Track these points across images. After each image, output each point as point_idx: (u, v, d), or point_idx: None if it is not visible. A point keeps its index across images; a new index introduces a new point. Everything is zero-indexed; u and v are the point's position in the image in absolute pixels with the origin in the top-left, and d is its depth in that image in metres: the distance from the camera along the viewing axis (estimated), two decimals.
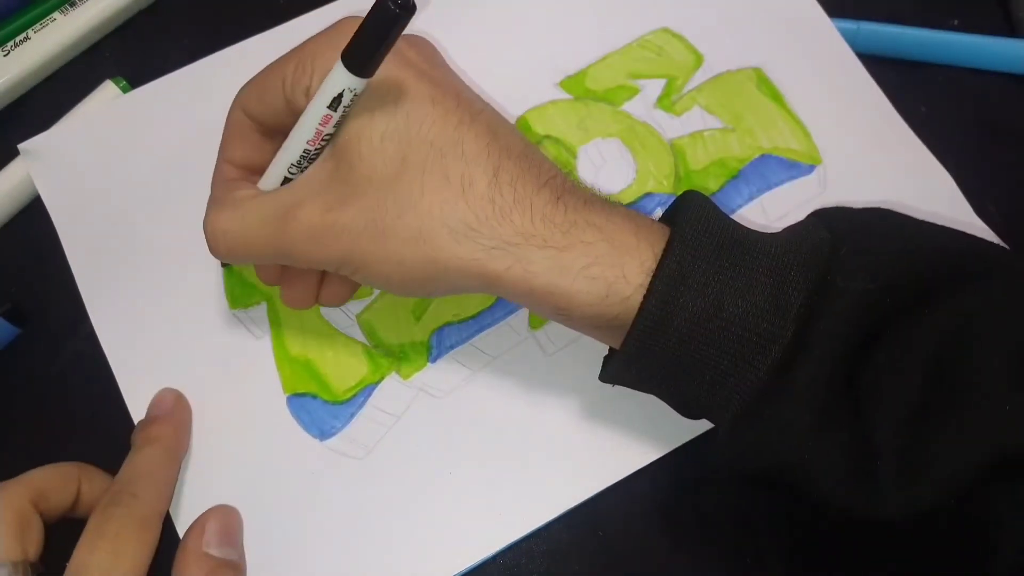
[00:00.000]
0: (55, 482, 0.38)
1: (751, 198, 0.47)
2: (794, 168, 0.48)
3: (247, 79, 0.48)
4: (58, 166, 0.47)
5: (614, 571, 0.42)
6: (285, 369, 0.44)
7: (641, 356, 0.34)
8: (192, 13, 0.53)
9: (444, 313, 0.45)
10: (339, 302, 0.42)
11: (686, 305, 0.32)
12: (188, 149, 0.47)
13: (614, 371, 0.36)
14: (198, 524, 0.40)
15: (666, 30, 0.51)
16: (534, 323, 0.45)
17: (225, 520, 0.40)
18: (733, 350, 0.33)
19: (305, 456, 0.43)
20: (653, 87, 0.50)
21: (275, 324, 0.45)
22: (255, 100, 0.38)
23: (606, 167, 0.48)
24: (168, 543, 0.37)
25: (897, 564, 0.41)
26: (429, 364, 0.45)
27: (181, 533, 0.41)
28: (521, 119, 0.49)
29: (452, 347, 0.45)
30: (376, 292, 0.45)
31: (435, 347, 0.45)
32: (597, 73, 0.50)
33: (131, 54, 0.52)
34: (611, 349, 0.38)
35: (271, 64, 0.37)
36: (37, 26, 0.50)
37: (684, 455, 0.43)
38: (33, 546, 0.36)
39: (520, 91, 0.49)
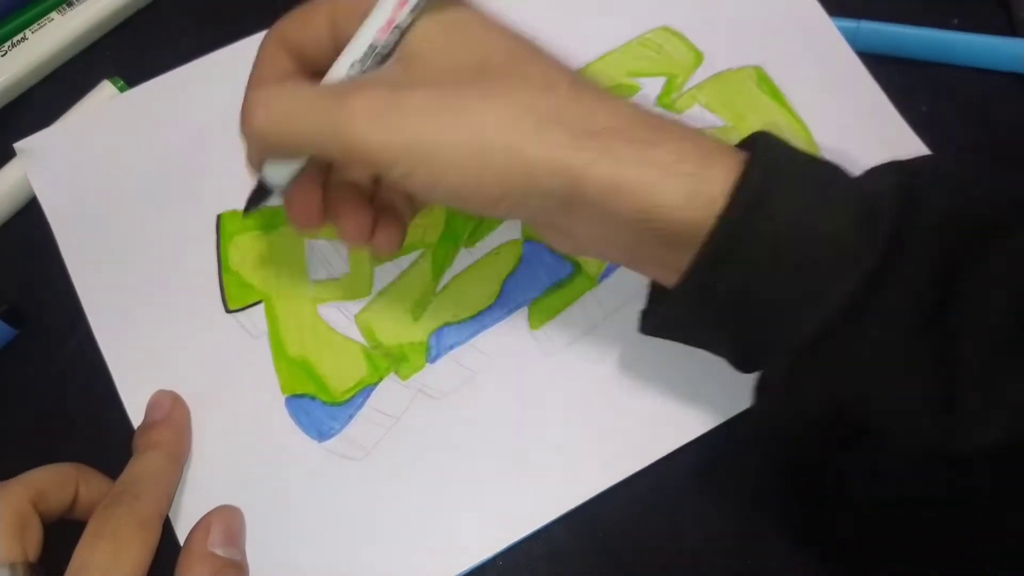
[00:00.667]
0: (54, 482, 0.38)
1: None
2: None
3: (245, 79, 0.48)
4: (54, 166, 0.47)
5: (614, 572, 0.42)
6: (283, 370, 0.44)
7: (717, 269, 0.31)
8: (190, 13, 0.53)
9: (443, 313, 0.45)
10: (394, 247, 0.39)
11: (773, 214, 0.30)
12: (185, 149, 0.47)
13: (677, 299, 0.33)
14: (202, 524, 0.39)
15: (666, 28, 0.51)
16: (534, 324, 0.45)
17: (229, 520, 0.40)
18: (819, 267, 0.31)
19: (303, 458, 0.43)
20: (653, 85, 0.50)
21: (273, 324, 0.45)
22: (295, 30, 0.36)
23: None
24: (167, 545, 0.37)
25: (899, 564, 0.41)
26: (428, 365, 0.44)
27: (180, 535, 0.41)
28: None
29: (451, 347, 0.45)
30: (374, 292, 0.45)
31: (434, 347, 0.45)
32: (597, 71, 0.50)
33: (129, 54, 0.51)
34: (654, 294, 0.37)
35: (315, 1, 0.35)
36: (35, 26, 0.50)
37: (685, 455, 0.43)
38: (33, 546, 0.36)
39: None
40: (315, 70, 0.35)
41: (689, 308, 0.34)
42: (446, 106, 0.31)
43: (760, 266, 0.31)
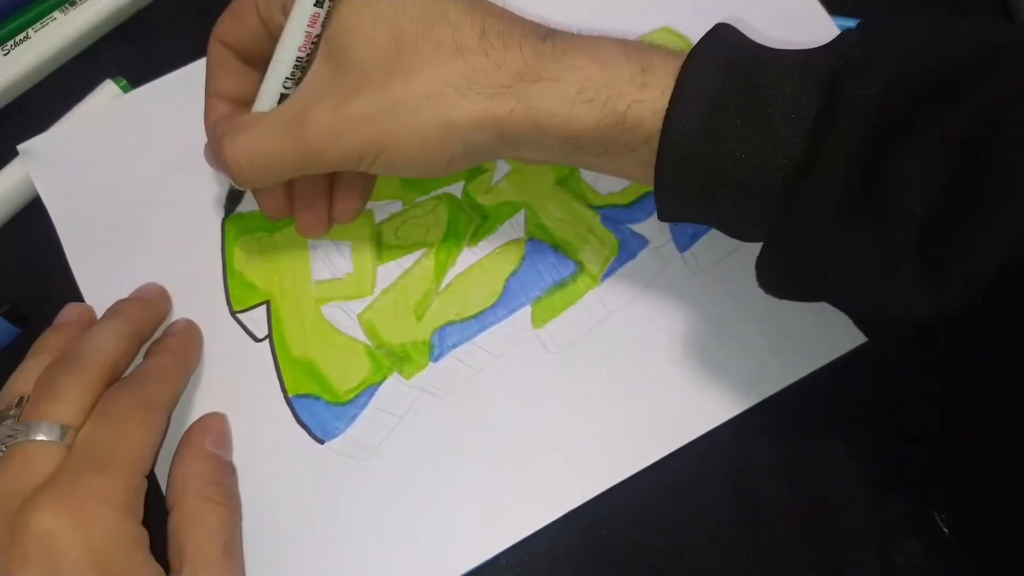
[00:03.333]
0: (124, 351, 0.40)
1: None
2: None
3: None
4: (58, 166, 0.47)
5: (615, 571, 0.42)
6: (288, 370, 0.44)
7: (669, 179, 0.35)
8: (192, 12, 0.52)
9: (446, 312, 0.45)
10: (352, 217, 0.44)
11: (685, 120, 0.33)
12: (188, 149, 0.47)
13: (660, 195, 0.36)
14: (199, 426, 0.42)
15: (667, 29, 0.51)
16: (536, 322, 0.45)
17: (221, 424, 0.42)
18: (746, 169, 0.33)
19: (308, 457, 0.43)
20: None
21: (277, 325, 0.45)
22: (231, 28, 0.40)
23: None
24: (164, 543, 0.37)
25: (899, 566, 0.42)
26: (431, 364, 0.44)
27: None
28: None
29: (454, 346, 0.45)
30: (377, 291, 0.45)
31: (437, 346, 0.45)
32: None
33: (131, 53, 0.51)
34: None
35: None
36: (37, 25, 0.50)
37: (686, 456, 0.43)
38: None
39: None
40: (259, 58, 0.40)
41: (665, 210, 0.37)
42: (382, 108, 0.36)
43: (692, 165, 0.34)
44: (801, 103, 0.32)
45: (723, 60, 0.34)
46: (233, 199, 0.44)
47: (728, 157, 0.33)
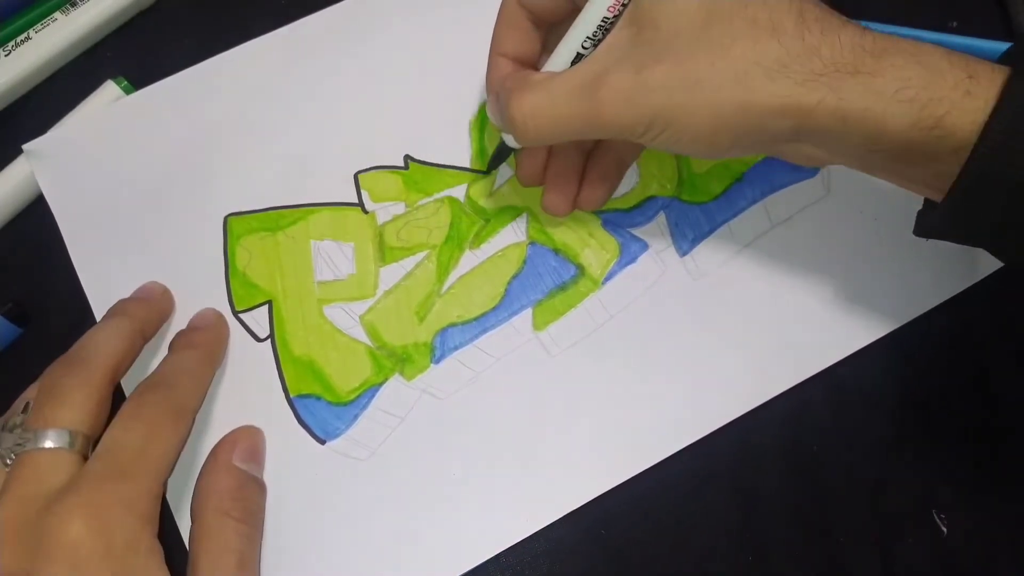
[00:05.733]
0: (126, 351, 0.40)
1: (755, 201, 0.47)
2: (798, 170, 0.48)
3: (249, 82, 0.49)
4: (63, 166, 0.47)
5: (615, 571, 0.42)
6: (289, 370, 0.44)
7: (972, 193, 0.33)
8: (193, 13, 0.52)
9: (448, 314, 0.45)
10: (598, 204, 0.44)
11: (1007, 134, 0.31)
12: (193, 151, 0.47)
13: (940, 214, 0.35)
14: (229, 440, 0.41)
15: None
16: (537, 325, 0.45)
17: (253, 439, 0.42)
18: None
19: (309, 457, 0.43)
20: None
21: (279, 325, 0.45)
22: None
23: None
24: (169, 541, 0.37)
25: (899, 566, 0.42)
26: (432, 365, 0.45)
27: (181, 525, 0.41)
28: None
29: (455, 348, 0.45)
30: (379, 293, 0.45)
31: (438, 348, 0.45)
32: None
33: (132, 54, 0.51)
34: (924, 208, 0.38)
35: None
36: (38, 26, 0.50)
37: (686, 456, 0.43)
38: (100, 422, 0.38)
39: None
40: (550, 21, 0.41)
41: (945, 224, 0.36)
42: (683, 80, 0.34)
43: (1009, 199, 0.32)
44: None
45: None
46: (501, 156, 0.45)
47: None
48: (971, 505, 0.43)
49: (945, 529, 0.42)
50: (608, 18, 0.37)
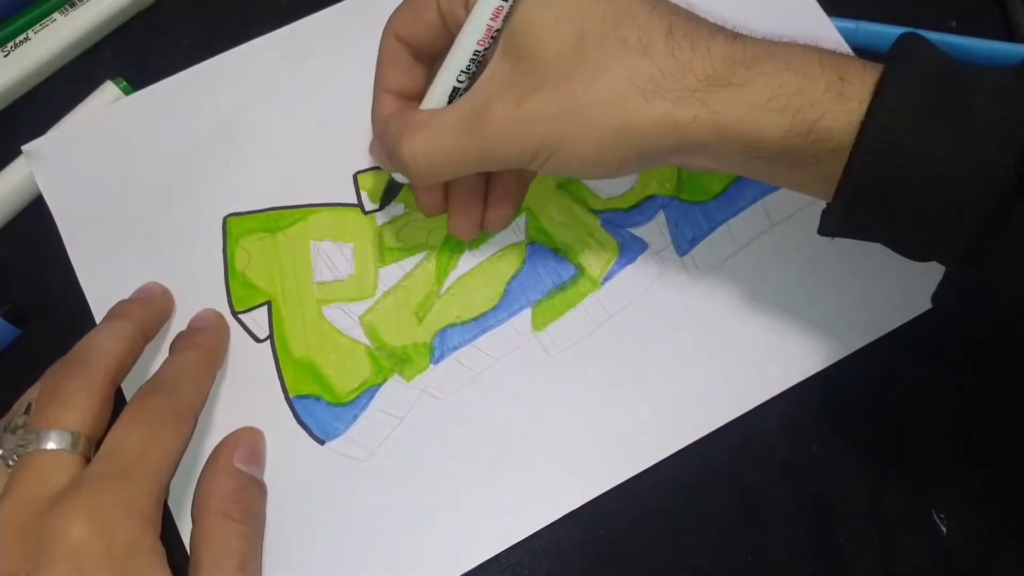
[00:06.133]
0: (127, 353, 0.40)
1: (754, 200, 0.47)
2: None
3: (248, 83, 0.49)
4: (62, 167, 0.47)
5: (616, 570, 0.42)
6: (288, 371, 0.44)
7: (855, 194, 0.33)
8: (193, 13, 0.52)
9: (447, 315, 0.45)
10: (503, 225, 0.45)
11: (901, 140, 0.32)
12: (192, 151, 0.47)
13: (829, 213, 0.36)
14: (229, 441, 0.41)
15: None
16: (537, 325, 0.45)
17: (253, 440, 0.42)
18: (944, 185, 0.32)
19: (308, 458, 0.43)
20: None
21: (278, 326, 0.45)
22: (408, 22, 0.40)
23: None
24: (170, 543, 0.37)
25: (899, 566, 0.42)
26: (432, 366, 0.45)
27: (180, 526, 0.41)
28: None
29: (455, 349, 0.45)
30: (378, 294, 0.45)
31: (437, 349, 0.45)
32: None
33: (131, 55, 0.51)
34: (828, 206, 0.38)
35: None
36: (37, 26, 0.50)
37: (686, 456, 0.43)
38: (102, 424, 0.38)
39: None
40: (431, 54, 0.41)
41: (840, 225, 0.36)
42: (562, 107, 0.35)
43: (897, 186, 0.32)
44: (1007, 128, 0.31)
45: (925, 75, 0.32)
46: (391, 192, 0.45)
47: (925, 172, 0.32)
48: (971, 505, 0.43)
49: (945, 529, 0.42)
50: (479, 51, 0.37)
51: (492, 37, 0.37)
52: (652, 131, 0.35)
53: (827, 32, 0.51)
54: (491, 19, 0.36)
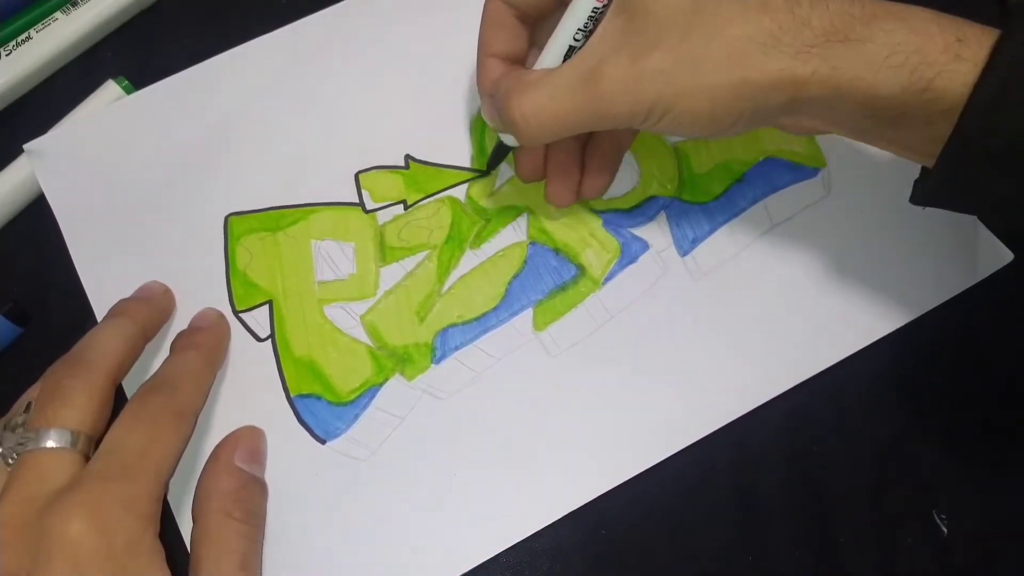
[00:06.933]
0: (128, 352, 0.40)
1: (755, 201, 0.48)
2: (798, 171, 0.48)
3: (249, 82, 0.49)
4: (63, 166, 0.47)
5: (616, 570, 0.42)
6: (290, 370, 0.44)
7: (963, 152, 0.33)
8: (194, 13, 0.52)
9: (448, 314, 0.45)
10: (602, 191, 0.45)
11: (1014, 101, 0.32)
12: (193, 150, 0.47)
13: (935, 178, 0.35)
14: (230, 440, 0.41)
15: None
16: (538, 325, 0.45)
17: (254, 439, 0.42)
18: None
19: (309, 457, 0.43)
20: None
21: (279, 325, 0.45)
22: None
23: None
24: (170, 542, 0.37)
25: (899, 566, 0.42)
26: (433, 366, 0.45)
27: (182, 526, 0.41)
28: None
29: (456, 349, 0.45)
30: (380, 293, 0.45)
31: (439, 348, 0.45)
32: None
33: (133, 54, 0.51)
34: (923, 170, 0.38)
35: None
36: (39, 26, 0.50)
37: (686, 456, 0.43)
38: (102, 423, 0.38)
39: None
40: (536, 17, 0.41)
41: (939, 189, 0.36)
42: (679, 64, 0.35)
43: (1002, 161, 0.33)
44: None
45: None
46: (499, 155, 0.45)
47: None
48: (971, 505, 0.43)
49: (945, 529, 0.43)
50: (598, 8, 0.37)
51: None
52: (769, 86, 0.34)
53: None
54: None
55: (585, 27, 0.38)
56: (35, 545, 0.33)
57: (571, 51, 0.38)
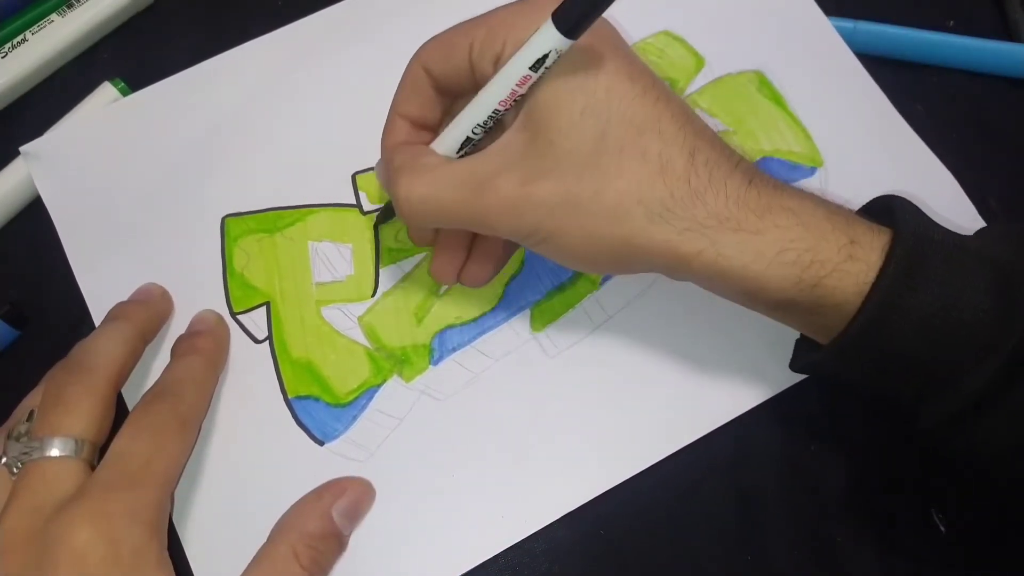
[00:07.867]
0: (128, 356, 0.40)
1: None
2: (796, 170, 0.48)
3: (246, 83, 0.49)
4: (60, 168, 0.47)
5: (615, 570, 0.42)
6: (287, 372, 0.44)
7: (854, 350, 0.34)
8: (190, 14, 0.52)
9: (446, 316, 0.45)
10: (482, 282, 0.43)
11: (913, 304, 0.33)
12: (190, 152, 0.47)
13: (819, 360, 0.37)
14: (340, 485, 0.41)
15: (667, 33, 0.51)
16: (536, 326, 0.45)
17: (361, 496, 0.42)
18: (954, 356, 0.33)
19: (307, 459, 0.43)
20: None
21: (277, 326, 0.45)
22: (439, 58, 0.39)
23: None
24: (173, 550, 0.37)
25: (899, 566, 0.42)
26: (431, 367, 0.45)
27: (183, 536, 0.41)
28: None
29: (454, 350, 0.45)
30: (378, 295, 0.45)
31: (437, 350, 0.45)
32: None
33: (129, 55, 0.51)
34: (803, 337, 0.39)
35: (458, 26, 0.38)
36: (35, 27, 0.50)
37: (685, 456, 0.43)
38: (105, 430, 0.38)
39: None
40: (453, 91, 0.39)
41: (837, 364, 0.36)
42: (564, 204, 0.34)
43: (899, 348, 0.34)
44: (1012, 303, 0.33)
45: (934, 244, 0.34)
46: (388, 213, 0.45)
47: (924, 338, 0.33)
48: (971, 505, 0.43)
49: (944, 528, 0.42)
50: (499, 111, 0.36)
51: (515, 101, 0.36)
52: (650, 253, 0.35)
53: (827, 34, 0.51)
54: (517, 84, 0.35)
55: (485, 124, 0.37)
56: (41, 554, 0.33)
57: (468, 141, 0.38)
